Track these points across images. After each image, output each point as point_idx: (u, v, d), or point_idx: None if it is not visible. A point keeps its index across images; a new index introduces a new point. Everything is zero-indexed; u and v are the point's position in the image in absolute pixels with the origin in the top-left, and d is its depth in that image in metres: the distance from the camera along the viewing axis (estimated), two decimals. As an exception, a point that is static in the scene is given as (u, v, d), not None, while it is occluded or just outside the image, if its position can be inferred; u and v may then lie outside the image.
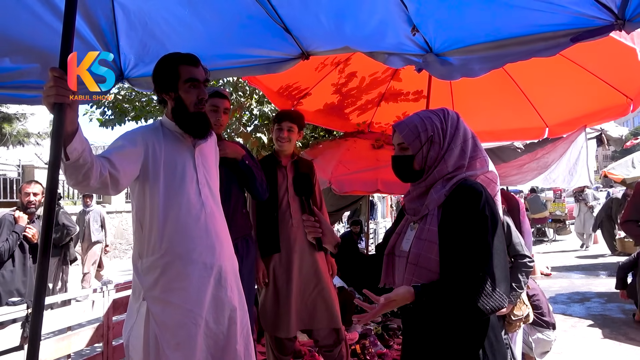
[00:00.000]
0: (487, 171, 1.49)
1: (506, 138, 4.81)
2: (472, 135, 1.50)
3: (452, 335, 1.38)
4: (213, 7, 2.28)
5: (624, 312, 5.84)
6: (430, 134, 1.46)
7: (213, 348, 2.01)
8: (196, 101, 1.99)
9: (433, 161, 1.46)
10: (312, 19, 2.26)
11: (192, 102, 1.98)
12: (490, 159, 1.55)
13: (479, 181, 1.46)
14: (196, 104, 1.99)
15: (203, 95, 2.01)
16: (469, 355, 1.37)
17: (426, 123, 1.48)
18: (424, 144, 1.46)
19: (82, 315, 3.12)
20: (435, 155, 1.46)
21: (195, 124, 2.01)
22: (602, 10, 1.61)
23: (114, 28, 2.36)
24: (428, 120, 1.48)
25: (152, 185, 1.94)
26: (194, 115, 2.00)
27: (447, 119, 1.49)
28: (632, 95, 3.42)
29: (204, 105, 2.04)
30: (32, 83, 2.37)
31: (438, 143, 1.46)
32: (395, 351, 3.94)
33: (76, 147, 1.55)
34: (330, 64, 3.99)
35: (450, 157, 1.45)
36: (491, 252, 1.31)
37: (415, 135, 1.47)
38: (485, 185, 1.45)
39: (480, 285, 1.28)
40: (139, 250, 2.00)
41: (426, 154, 1.47)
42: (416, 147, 1.47)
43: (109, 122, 6.41)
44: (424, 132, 1.47)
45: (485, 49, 1.96)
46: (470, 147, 1.48)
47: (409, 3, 1.94)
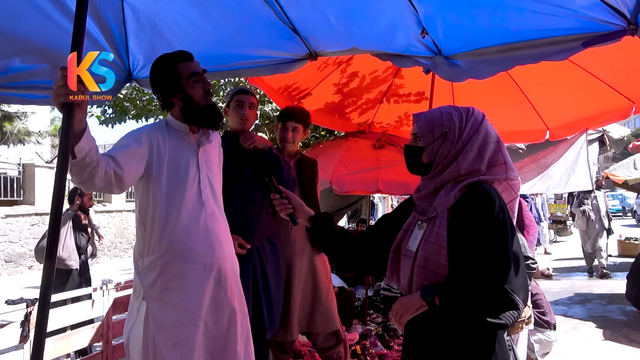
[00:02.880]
0: (509, 178, 1.43)
1: (507, 140, 4.77)
2: (496, 140, 1.44)
3: (461, 343, 1.36)
4: (222, 8, 2.28)
5: (625, 314, 5.85)
6: (445, 130, 1.42)
7: (212, 349, 2.00)
8: (204, 94, 1.98)
9: (443, 158, 1.42)
10: (321, 19, 2.26)
11: (200, 96, 1.98)
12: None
13: (497, 185, 1.41)
14: (204, 96, 1.99)
15: (208, 85, 2.01)
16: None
17: (444, 118, 1.43)
18: (436, 138, 1.42)
19: (82, 315, 3.11)
20: (446, 153, 1.42)
21: (209, 116, 2.01)
22: (615, 15, 1.61)
23: (123, 29, 2.36)
24: (447, 115, 1.44)
25: (155, 184, 1.94)
26: (206, 108, 1.99)
27: (468, 119, 1.44)
28: (635, 98, 3.42)
29: (212, 95, 2.04)
30: (42, 83, 2.36)
31: (451, 141, 1.41)
32: (395, 352, 3.93)
33: (84, 146, 1.56)
34: (332, 64, 3.99)
35: (464, 160, 1.40)
36: (510, 261, 1.28)
37: (429, 128, 1.43)
38: (503, 190, 1.41)
39: (502, 300, 1.26)
40: (140, 249, 2.00)
41: (437, 150, 1.43)
42: (428, 140, 1.44)
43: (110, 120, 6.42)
44: (439, 126, 1.43)
45: (495, 53, 1.96)
46: (490, 151, 1.42)
47: (418, 5, 1.94)
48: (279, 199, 1.71)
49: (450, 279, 1.34)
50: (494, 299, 1.26)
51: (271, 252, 2.73)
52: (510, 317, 1.27)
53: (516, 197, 1.45)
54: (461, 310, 1.30)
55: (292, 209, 1.71)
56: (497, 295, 1.26)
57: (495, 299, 1.26)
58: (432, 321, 1.38)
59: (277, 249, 2.80)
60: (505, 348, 1.40)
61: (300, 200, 1.74)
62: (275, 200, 1.71)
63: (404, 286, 1.49)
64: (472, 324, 1.31)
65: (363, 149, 4.56)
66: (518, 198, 1.47)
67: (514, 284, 1.27)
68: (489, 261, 1.28)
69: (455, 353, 1.36)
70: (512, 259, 1.29)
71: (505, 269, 1.27)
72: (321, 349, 3.16)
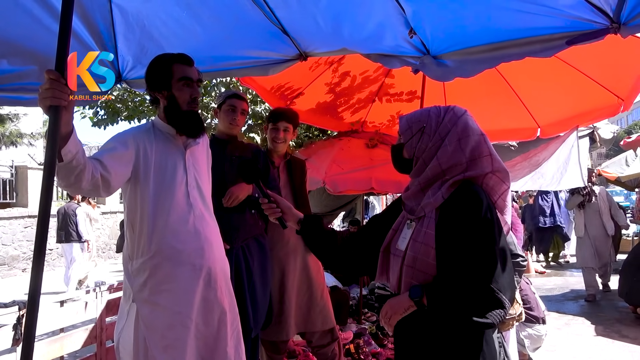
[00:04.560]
0: (496, 169, 1.43)
1: (498, 138, 4.82)
2: (479, 133, 1.46)
3: (449, 342, 1.37)
4: (211, 9, 2.28)
5: (617, 310, 5.89)
6: (422, 125, 1.48)
7: (203, 350, 2.00)
8: (189, 100, 1.98)
9: (422, 152, 1.47)
10: (309, 21, 2.26)
11: (185, 100, 1.98)
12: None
13: (488, 179, 1.43)
14: (189, 102, 1.99)
15: (196, 94, 2.00)
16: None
17: (422, 114, 1.51)
18: (414, 133, 1.49)
19: (75, 317, 3.10)
20: (424, 147, 1.46)
21: (188, 122, 2.00)
22: (598, 14, 1.63)
23: (111, 30, 2.35)
24: (425, 112, 1.51)
25: (143, 187, 1.94)
26: (187, 114, 1.99)
27: (447, 114, 1.48)
28: (623, 95, 3.45)
29: (197, 105, 2.03)
30: (31, 85, 2.36)
31: (428, 134, 1.46)
32: (389, 350, 3.93)
33: (70, 149, 1.55)
34: (324, 64, 3.99)
35: (443, 154, 1.43)
36: (496, 260, 1.30)
37: (408, 125, 1.51)
38: (494, 184, 1.43)
39: (489, 299, 1.27)
40: (129, 251, 1.99)
41: (416, 144, 1.48)
42: (407, 136, 1.51)
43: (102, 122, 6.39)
44: (417, 122, 1.49)
45: (482, 52, 1.98)
46: (471, 144, 1.43)
47: (406, 6, 1.96)
48: (267, 203, 1.71)
49: (438, 278, 1.35)
50: (481, 298, 1.28)
51: (258, 250, 2.72)
52: (497, 316, 1.28)
53: (508, 188, 1.47)
54: (448, 310, 1.32)
55: (280, 212, 1.72)
56: (484, 295, 1.27)
57: (481, 298, 1.28)
58: (421, 321, 1.39)
59: (265, 247, 2.79)
60: (493, 347, 1.41)
61: (288, 204, 1.75)
62: (264, 205, 1.72)
63: (393, 285, 1.50)
64: (459, 323, 1.32)
65: (356, 149, 4.56)
66: (510, 188, 1.48)
67: (501, 282, 1.29)
68: (475, 260, 1.30)
69: (444, 353, 1.38)
70: (498, 258, 1.30)
71: (491, 268, 1.29)
72: (316, 346, 3.17)
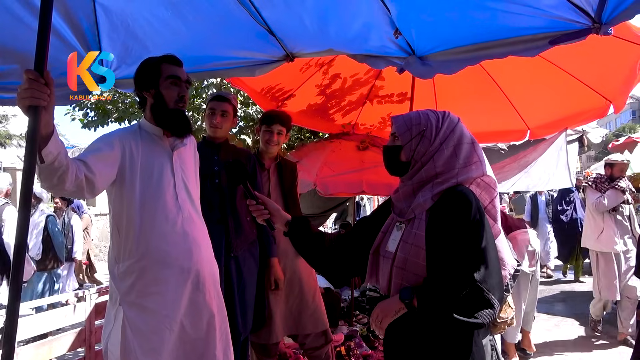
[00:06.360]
0: (484, 175, 1.47)
1: (488, 140, 4.86)
2: (470, 141, 1.49)
3: (439, 344, 1.37)
4: (196, 8, 2.26)
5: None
6: (423, 129, 1.46)
7: (190, 353, 1.98)
8: (177, 98, 1.97)
9: (421, 156, 1.46)
10: (295, 21, 2.26)
11: (172, 98, 1.97)
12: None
13: (476, 185, 1.44)
14: (176, 101, 1.97)
15: (184, 93, 1.99)
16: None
17: (422, 118, 1.49)
18: (414, 136, 1.47)
19: (64, 320, 3.06)
20: (423, 151, 1.46)
21: (175, 120, 1.99)
22: (580, 14, 1.64)
23: (95, 29, 2.33)
24: (424, 115, 1.50)
25: (129, 189, 1.92)
26: (173, 112, 1.98)
27: (445, 120, 1.49)
28: (611, 97, 3.48)
29: (185, 104, 2.02)
30: (12, 84, 2.33)
31: (429, 139, 1.46)
32: (380, 352, 3.93)
33: (51, 150, 1.52)
34: (314, 65, 3.99)
35: (440, 157, 1.44)
36: (485, 261, 1.30)
37: (407, 127, 1.49)
38: (482, 190, 1.44)
39: (478, 298, 1.27)
40: (115, 254, 1.97)
41: (415, 147, 1.47)
42: (406, 138, 1.48)
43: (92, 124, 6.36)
44: (417, 125, 1.48)
45: (467, 52, 1.99)
46: (464, 151, 1.46)
47: (391, 6, 1.96)
48: (255, 205, 1.70)
49: (428, 280, 1.35)
50: (469, 297, 1.27)
51: (248, 256, 2.71)
52: (487, 316, 1.28)
53: (496, 194, 1.49)
54: (438, 310, 1.31)
55: (268, 214, 1.71)
56: (472, 294, 1.27)
57: (470, 298, 1.27)
58: (411, 324, 1.39)
59: (254, 253, 2.78)
60: (481, 348, 1.41)
61: (276, 206, 1.74)
62: (252, 207, 1.71)
63: (382, 287, 1.50)
64: (449, 323, 1.32)
65: (347, 151, 4.56)
66: (497, 193, 1.51)
67: (490, 282, 1.29)
68: (463, 260, 1.30)
69: (433, 355, 1.38)
70: (487, 259, 1.30)
71: (479, 268, 1.29)
72: (309, 349, 3.14)
